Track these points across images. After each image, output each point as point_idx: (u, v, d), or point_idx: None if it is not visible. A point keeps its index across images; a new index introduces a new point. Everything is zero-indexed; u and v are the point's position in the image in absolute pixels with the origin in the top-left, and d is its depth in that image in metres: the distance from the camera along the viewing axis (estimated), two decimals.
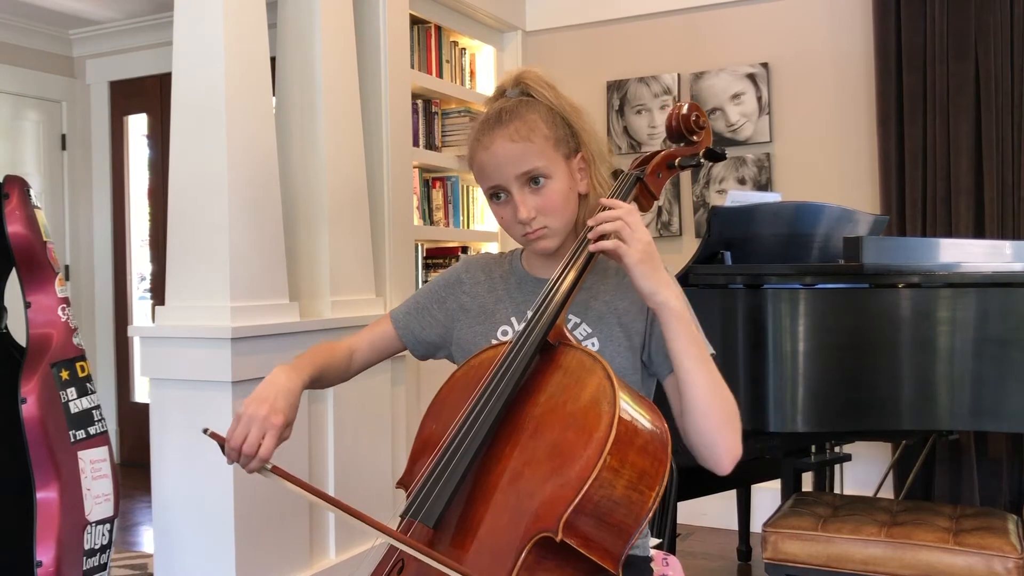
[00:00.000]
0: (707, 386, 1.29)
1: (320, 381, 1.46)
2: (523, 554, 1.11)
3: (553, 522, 1.10)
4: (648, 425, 1.19)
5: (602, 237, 1.30)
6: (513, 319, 1.46)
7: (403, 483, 1.33)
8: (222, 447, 1.27)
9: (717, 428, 1.29)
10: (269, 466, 1.25)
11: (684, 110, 1.42)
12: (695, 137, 1.44)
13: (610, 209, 1.31)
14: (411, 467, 1.33)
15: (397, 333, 1.56)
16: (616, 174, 1.46)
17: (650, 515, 1.17)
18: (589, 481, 1.10)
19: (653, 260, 1.29)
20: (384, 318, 1.58)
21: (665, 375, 1.39)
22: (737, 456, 1.31)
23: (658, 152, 1.44)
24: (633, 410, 1.18)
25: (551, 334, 1.27)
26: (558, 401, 1.21)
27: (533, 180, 1.38)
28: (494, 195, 1.43)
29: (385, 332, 1.56)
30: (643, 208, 1.45)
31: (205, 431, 1.27)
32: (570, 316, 1.41)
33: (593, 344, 1.40)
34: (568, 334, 1.30)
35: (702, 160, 1.45)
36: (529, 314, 1.30)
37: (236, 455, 1.26)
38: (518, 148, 1.37)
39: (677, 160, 1.44)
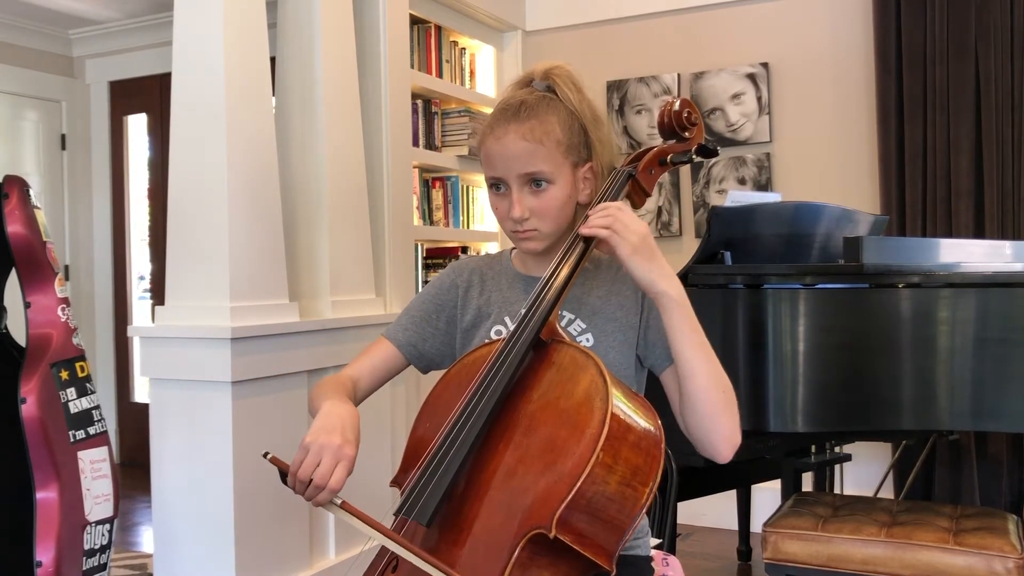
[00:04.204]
0: (708, 374, 1.29)
1: None
2: (517, 551, 1.11)
3: (546, 518, 1.10)
4: (641, 421, 1.19)
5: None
6: (506, 318, 1.46)
7: (397, 482, 1.33)
8: (283, 475, 1.22)
9: (717, 415, 1.29)
10: (339, 500, 1.20)
11: (676, 107, 1.42)
12: (687, 133, 1.44)
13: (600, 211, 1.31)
14: (405, 465, 1.33)
15: (400, 352, 1.52)
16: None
17: (644, 511, 1.17)
18: (582, 477, 1.10)
19: (649, 250, 1.28)
20: (379, 341, 1.53)
21: (663, 368, 1.38)
22: (736, 443, 1.30)
23: (650, 149, 1.44)
24: (626, 406, 1.18)
25: (544, 331, 1.27)
26: (551, 398, 1.21)
27: (535, 182, 1.38)
28: (494, 185, 1.42)
29: (386, 355, 1.51)
30: (635, 205, 1.44)
31: (266, 455, 1.21)
32: (564, 312, 1.41)
33: (587, 340, 1.39)
34: (561, 331, 1.30)
35: (694, 156, 1.45)
36: (522, 312, 1.30)
37: (304, 486, 1.20)
38: (528, 148, 1.36)
39: (669, 157, 1.44)
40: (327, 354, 2.92)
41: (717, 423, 1.29)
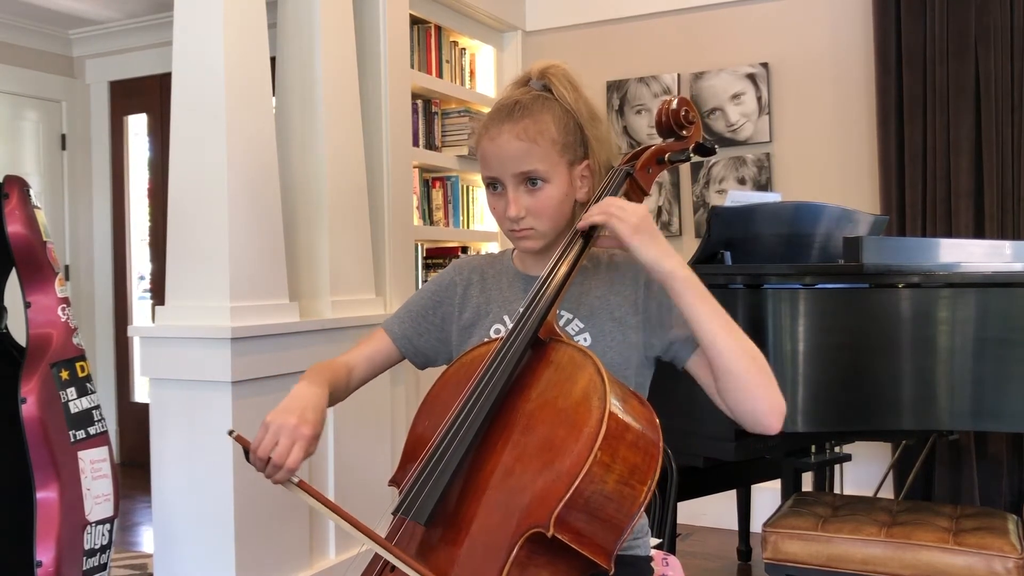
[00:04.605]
0: (734, 346, 1.27)
1: (332, 398, 1.44)
2: (515, 550, 1.11)
3: (544, 517, 1.10)
4: (639, 420, 1.19)
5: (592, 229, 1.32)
6: (505, 317, 1.45)
7: (395, 481, 1.33)
8: (246, 453, 1.25)
9: (757, 387, 1.27)
10: (296, 479, 1.24)
11: (673, 105, 1.42)
12: (684, 132, 1.44)
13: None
14: (403, 465, 1.33)
15: (395, 344, 1.53)
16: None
17: (642, 510, 1.17)
18: (580, 476, 1.10)
19: (650, 231, 1.28)
20: (377, 331, 1.55)
21: (686, 358, 1.36)
22: (782, 410, 1.28)
23: (648, 147, 1.44)
24: (624, 405, 1.18)
25: (542, 330, 1.27)
26: (549, 397, 1.21)
27: (530, 181, 1.37)
28: (491, 185, 1.42)
29: (381, 345, 1.53)
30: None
31: (231, 433, 1.26)
32: (563, 312, 1.41)
33: (586, 339, 1.39)
34: (559, 330, 1.30)
35: (692, 155, 1.45)
36: (520, 310, 1.30)
37: (263, 464, 1.23)
38: (522, 147, 1.36)
39: (667, 155, 1.44)
40: (327, 354, 2.87)
41: (757, 394, 1.27)
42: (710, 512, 3.78)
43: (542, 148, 1.36)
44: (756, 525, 3.13)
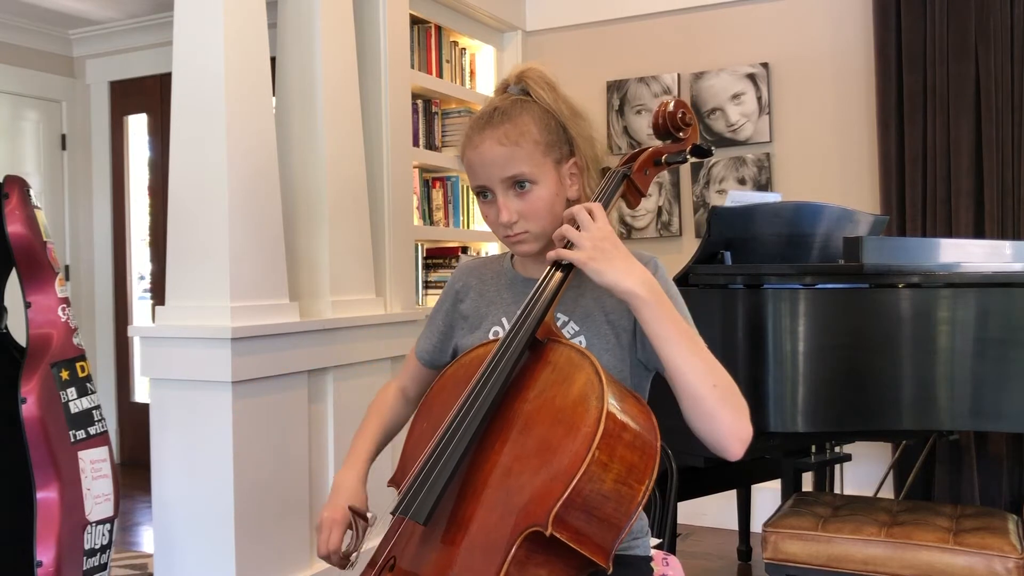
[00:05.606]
0: (695, 370, 1.25)
1: (385, 443, 1.56)
2: (513, 549, 1.12)
3: (542, 516, 1.10)
4: (637, 420, 1.19)
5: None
6: (504, 319, 1.46)
7: (395, 481, 1.34)
8: None
9: (716, 412, 1.24)
10: (354, 557, 1.40)
11: (670, 107, 1.43)
12: (681, 134, 1.45)
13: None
14: (402, 464, 1.34)
15: (418, 360, 1.60)
16: (603, 172, 1.46)
17: (640, 509, 1.17)
18: (578, 475, 1.10)
19: (605, 254, 1.26)
20: (411, 352, 1.62)
21: (663, 369, 1.36)
22: (745, 438, 1.26)
23: (645, 149, 1.45)
24: (622, 405, 1.18)
25: (540, 331, 1.27)
26: (547, 397, 1.22)
27: (518, 184, 1.38)
28: (480, 193, 1.42)
29: (415, 363, 1.61)
30: (630, 205, 1.45)
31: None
32: (559, 315, 1.41)
33: (581, 342, 1.39)
34: (557, 331, 1.30)
35: (688, 156, 1.46)
36: (518, 312, 1.30)
37: (330, 559, 1.42)
38: (505, 152, 1.36)
39: (664, 157, 1.45)
40: (327, 354, 2.92)
41: (717, 420, 1.25)
42: (710, 512, 3.78)
43: (525, 150, 1.36)
44: (756, 525, 3.14)
